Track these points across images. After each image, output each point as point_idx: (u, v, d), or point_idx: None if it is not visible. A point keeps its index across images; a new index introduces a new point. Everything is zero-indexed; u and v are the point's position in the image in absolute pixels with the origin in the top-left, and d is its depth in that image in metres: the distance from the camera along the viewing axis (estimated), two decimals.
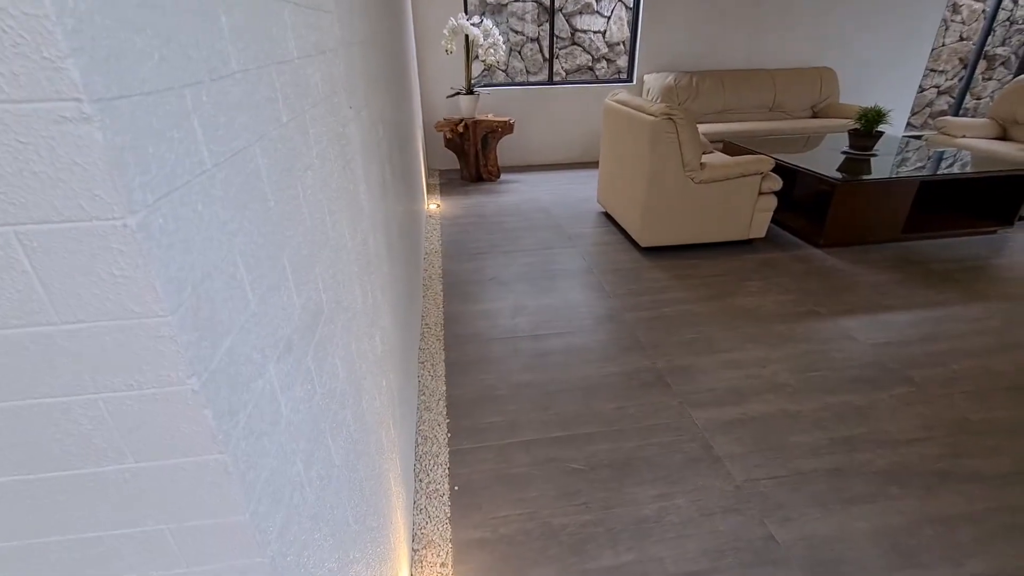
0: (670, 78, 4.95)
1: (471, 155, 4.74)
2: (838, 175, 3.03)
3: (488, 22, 4.35)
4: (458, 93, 4.57)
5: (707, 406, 1.90)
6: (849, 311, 2.52)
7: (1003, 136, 4.04)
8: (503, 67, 5.99)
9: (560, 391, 2.00)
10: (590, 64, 6.14)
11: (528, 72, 6.07)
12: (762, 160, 2.95)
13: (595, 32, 6.00)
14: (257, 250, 0.49)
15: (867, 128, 3.44)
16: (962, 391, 1.96)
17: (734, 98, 5.02)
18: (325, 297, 0.68)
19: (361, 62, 1.17)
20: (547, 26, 5.09)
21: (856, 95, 5.61)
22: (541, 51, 5.96)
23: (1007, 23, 6.67)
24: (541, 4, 5.75)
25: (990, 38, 6.45)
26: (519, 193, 4.48)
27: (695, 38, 5.10)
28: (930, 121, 7.16)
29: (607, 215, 3.84)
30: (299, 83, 0.63)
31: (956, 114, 6.34)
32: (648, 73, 5.14)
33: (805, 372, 2.08)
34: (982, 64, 6.77)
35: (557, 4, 5.78)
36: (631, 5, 5.16)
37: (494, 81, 5.90)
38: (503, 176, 5.01)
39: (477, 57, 4.44)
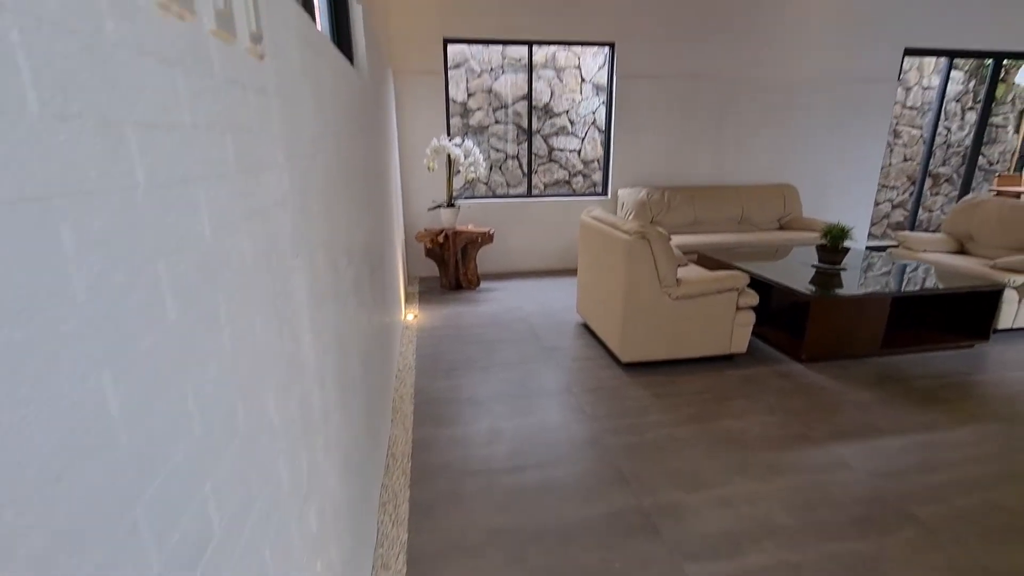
0: (643, 193, 5.21)
1: (451, 264, 4.78)
2: (813, 291, 3.07)
3: (469, 142, 4.61)
4: (439, 206, 4.72)
5: (701, 558, 1.70)
6: (839, 435, 2.40)
7: (961, 250, 4.23)
8: (484, 181, 6.28)
9: (537, 538, 1.78)
10: (567, 178, 6.49)
11: (508, 185, 6.37)
12: (736, 276, 2.99)
13: (571, 151, 6.41)
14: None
15: (833, 244, 3.56)
16: (975, 533, 1.80)
17: (704, 212, 5.26)
18: (219, 516, 0.55)
19: (321, 202, 1.14)
20: (526, 145, 5.43)
21: (818, 209, 5.95)
22: (520, 166, 6.31)
23: (944, 146, 7.34)
24: (520, 127, 6.19)
25: (931, 159, 7.05)
26: (498, 302, 4.46)
27: (663, 157, 5.46)
28: (890, 232, 7.58)
29: (586, 326, 3.80)
30: (207, 266, 0.56)
31: (912, 226, 6.73)
32: (622, 188, 5.42)
33: (803, 511, 1.91)
34: (928, 181, 7.33)
35: (534, 127, 6.22)
36: (603, 128, 5.56)
37: (476, 193, 6.15)
38: (482, 284, 5.03)
39: (458, 173, 4.65)
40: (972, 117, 7.20)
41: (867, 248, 6.32)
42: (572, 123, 6.35)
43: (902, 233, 4.35)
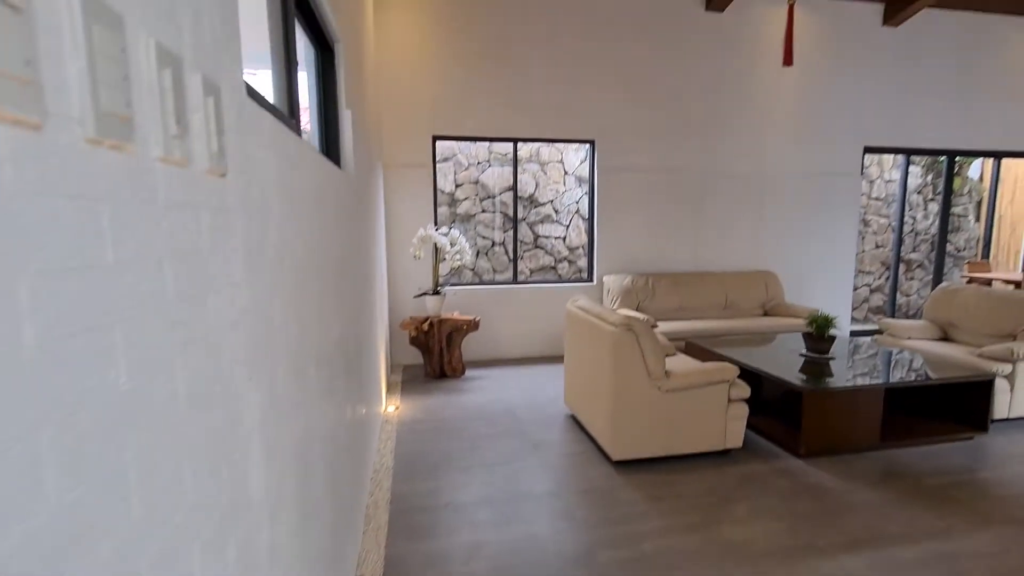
0: (628, 279, 5.26)
1: (435, 352, 4.67)
2: (805, 383, 3.00)
3: (456, 231, 4.68)
4: (425, 293, 4.70)
5: None
6: (850, 544, 2.22)
7: (944, 337, 4.24)
8: (471, 267, 6.34)
9: None
10: (553, 264, 6.58)
11: (495, 271, 6.43)
12: (726, 368, 2.92)
13: (556, 238, 6.57)
14: None
15: (819, 332, 3.55)
16: None
17: (689, 298, 5.30)
18: None
19: (290, 309, 1.07)
20: (512, 233, 5.56)
21: (800, 295, 6.04)
22: (507, 253, 6.41)
23: (912, 234, 7.67)
24: (506, 215, 6.37)
25: (902, 246, 7.32)
26: (483, 392, 4.31)
27: (646, 244, 5.59)
28: (871, 316, 7.69)
29: (575, 419, 3.64)
30: (115, 420, 0.48)
31: (892, 311, 6.83)
32: (607, 275, 5.48)
33: None
34: (902, 267, 7.57)
35: (520, 216, 6.41)
36: (587, 216, 5.74)
37: (462, 280, 6.17)
38: (468, 372, 4.89)
39: (444, 260, 4.68)
40: (935, 207, 7.60)
41: (851, 333, 6.36)
42: (556, 211, 6.56)
43: (886, 320, 4.38)
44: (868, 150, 6.05)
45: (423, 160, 5.01)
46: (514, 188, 5.42)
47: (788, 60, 3.12)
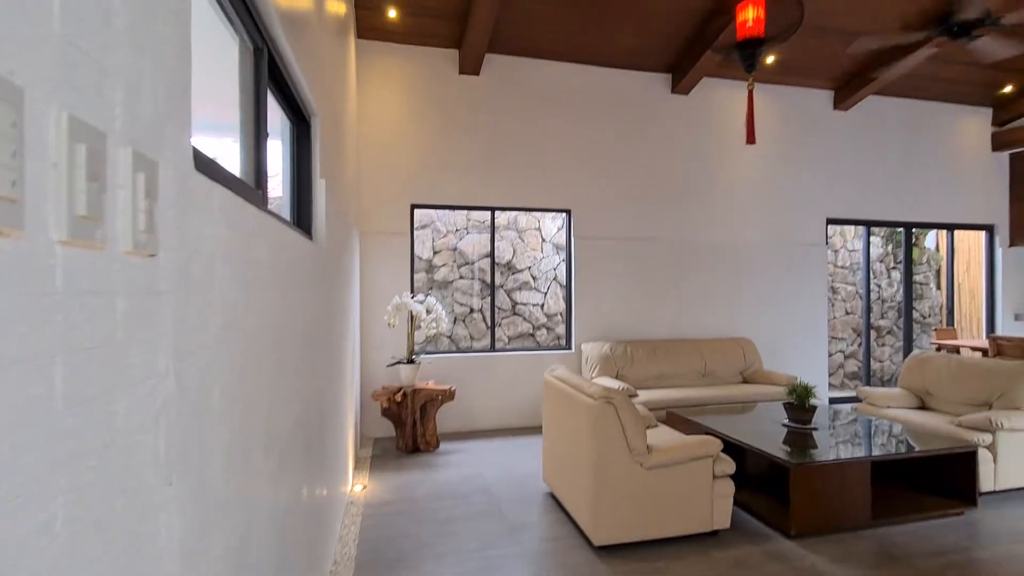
0: (606, 347, 5.21)
1: (408, 424, 4.45)
2: (791, 456, 2.91)
3: (432, 299, 4.62)
4: (399, 362, 4.55)
5: None
6: None
7: (922, 405, 4.24)
8: (448, 334, 6.23)
9: None
10: (531, 331, 6.52)
11: (472, 338, 6.33)
12: (709, 442, 2.82)
13: (534, 304, 6.55)
14: None
15: (801, 401, 3.50)
16: None
17: (668, 365, 5.25)
18: None
19: (233, 391, 0.97)
20: (489, 299, 5.53)
21: (777, 362, 6.05)
22: (484, 320, 6.33)
23: (879, 301, 7.90)
24: (484, 282, 6.36)
25: (870, 313, 7.51)
26: (457, 467, 4.07)
27: (624, 311, 5.60)
28: (847, 382, 7.73)
29: (554, 497, 3.44)
30: None
31: (867, 377, 6.88)
32: (585, 342, 5.43)
33: None
34: (872, 333, 7.72)
35: (498, 282, 6.41)
36: (564, 283, 5.77)
37: (438, 348, 6.03)
38: (442, 446, 4.65)
39: (419, 328, 4.58)
40: (897, 276, 7.89)
41: (830, 400, 6.33)
42: (535, 278, 6.59)
43: (865, 389, 4.37)
44: (831, 221, 6.33)
45: (401, 227, 5.04)
46: (491, 255, 5.44)
47: (751, 139, 3.29)
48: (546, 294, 6.59)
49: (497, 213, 6.17)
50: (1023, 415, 3.46)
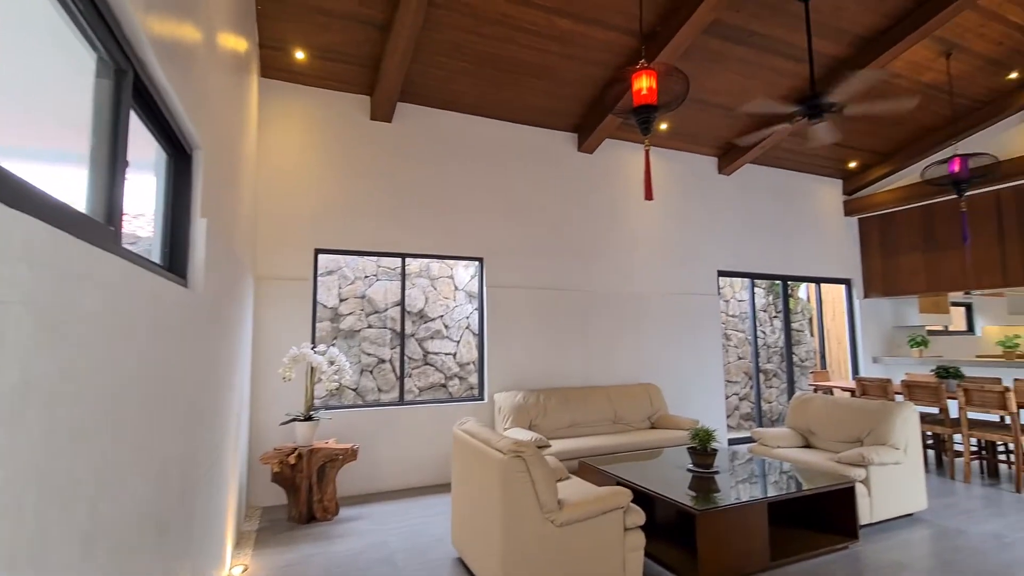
0: (519, 396, 5.13)
1: (303, 490, 4.01)
2: (696, 501, 2.95)
3: (334, 350, 4.32)
4: (294, 419, 4.13)
5: None
6: None
7: (807, 444, 4.57)
8: (353, 387, 5.84)
9: None
10: (443, 382, 6.30)
11: (380, 390, 5.98)
12: (619, 493, 2.79)
13: (446, 354, 6.37)
14: None
15: (703, 446, 3.62)
16: None
17: (580, 413, 5.27)
18: None
19: (27, 484, 0.76)
20: (399, 348, 5.28)
21: (680, 406, 6.32)
22: (394, 370, 6.03)
23: (765, 347, 8.63)
24: (394, 331, 6.10)
25: (759, 358, 8.18)
26: (359, 536, 3.70)
27: (537, 359, 5.60)
28: (743, 423, 8.24)
29: (463, 563, 3.20)
30: None
31: (759, 418, 7.39)
32: (498, 392, 5.32)
33: None
34: (761, 376, 8.37)
35: (409, 331, 6.18)
36: (477, 332, 5.68)
37: (342, 402, 5.63)
38: (342, 512, 4.23)
39: (320, 381, 4.23)
40: (779, 323, 8.72)
41: (729, 441, 6.69)
42: (447, 327, 6.44)
43: (758, 430, 4.64)
44: (721, 273, 6.90)
45: (303, 273, 4.73)
46: (402, 303, 5.26)
47: (648, 195, 3.52)
48: (459, 343, 6.45)
49: (409, 260, 6.04)
50: (890, 450, 3.83)
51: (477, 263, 5.59)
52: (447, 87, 5.10)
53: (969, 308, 9.40)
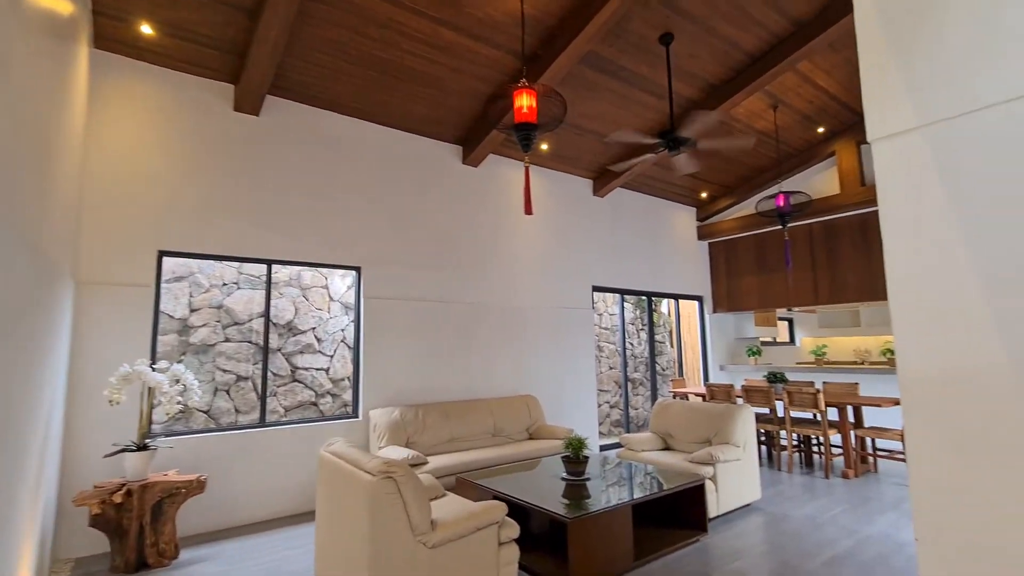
0: (396, 413, 4.93)
1: (132, 532, 3.40)
2: (568, 509, 3.03)
3: (179, 367, 3.77)
4: (124, 450, 3.52)
5: None
6: None
7: (666, 447, 4.98)
8: (204, 409, 5.16)
9: None
10: (313, 400, 5.84)
11: (238, 411, 5.36)
12: (494, 508, 2.76)
13: (318, 369, 5.93)
14: None
15: (575, 454, 3.76)
16: None
17: (459, 427, 5.21)
18: None
19: None
20: (263, 364, 4.77)
21: (557, 415, 6.55)
22: (255, 388, 5.46)
23: (633, 357, 9.33)
24: (256, 344, 5.53)
25: (628, 368, 8.81)
26: None
27: (415, 374, 5.43)
28: (612, 429, 8.78)
29: None
30: None
31: (627, 424, 7.93)
32: (374, 408, 5.06)
33: None
34: (629, 384, 9.02)
35: (275, 345, 5.65)
36: (353, 345, 5.37)
37: (190, 427, 4.95)
38: (184, 554, 3.67)
39: (160, 404, 3.66)
40: (645, 335, 9.50)
41: (600, 447, 7.07)
42: (319, 340, 6.00)
43: (625, 436, 4.95)
44: (595, 289, 7.33)
45: (142, 278, 4.09)
46: (266, 315, 4.78)
47: (528, 210, 3.61)
48: (332, 357, 6.04)
49: (277, 268, 5.54)
50: (732, 448, 4.31)
51: (354, 272, 5.31)
52: (327, 85, 4.81)
53: (791, 322, 11.09)
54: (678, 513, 3.91)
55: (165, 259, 4.41)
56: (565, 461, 3.81)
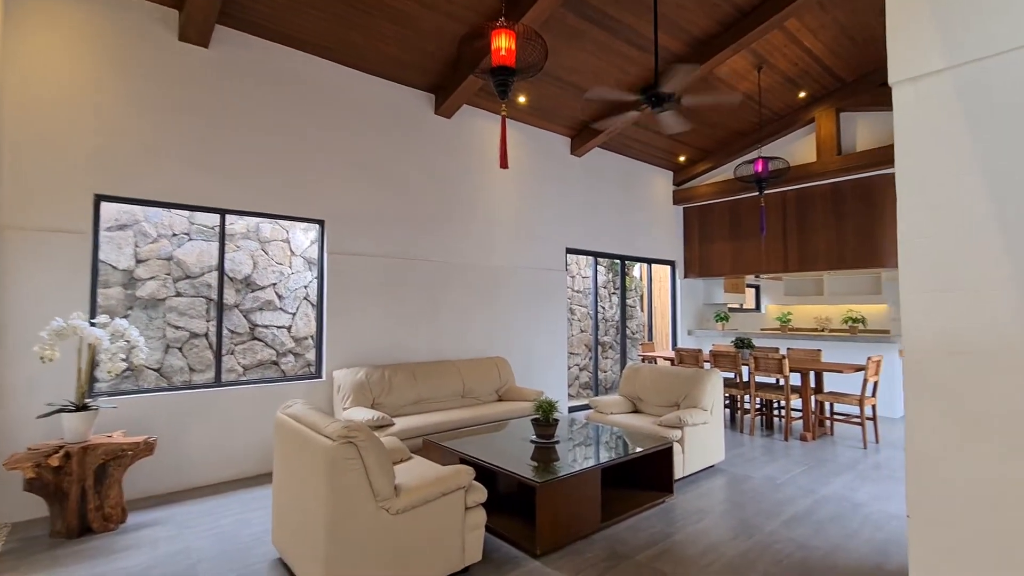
0: (361, 373, 4.76)
1: (73, 496, 3.19)
2: (537, 472, 2.96)
3: (123, 321, 3.47)
4: (61, 410, 3.25)
5: None
6: None
7: (635, 410, 4.99)
8: (155, 367, 4.87)
9: None
10: (275, 359, 5.60)
11: (192, 370, 5.09)
12: (461, 472, 2.66)
13: (279, 327, 5.66)
14: None
15: (545, 417, 3.69)
16: None
17: (427, 389, 5.08)
18: None
19: None
20: (217, 321, 4.48)
21: (527, 378, 6.50)
22: (210, 346, 5.18)
23: (604, 320, 9.33)
24: (211, 299, 5.21)
25: (599, 331, 8.82)
26: (151, 546, 3.06)
27: (382, 333, 5.24)
28: (581, 391, 8.85)
29: (284, 564, 2.82)
30: None
31: (596, 387, 7.99)
32: (338, 369, 4.87)
33: None
34: (600, 348, 9.06)
35: (232, 301, 5.34)
36: (316, 303, 5.12)
37: (140, 386, 4.67)
38: (131, 519, 3.49)
39: (102, 362, 3.38)
40: (616, 299, 9.49)
41: (569, 409, 7.10)
42: (281, 297, 5.71)
43: (595, 399, 4.93)
44: (569, 251, 7.19)
45: (77, 224, 3.71)
46: (220, 268, 4.47)
47: (504, 163, 3.38)
48: (295, 315, 5.78)
49: (233, 218, 5.18)
50: (700, 412, 4.33)
51: (318, 226, 4.99)
52: (284, 17, 4.35)
53: (758, 289, 11.29)
54: (645, 475, 3.93)
55: (104, 204, 4.02)
56: (534, 424, 3.74)
